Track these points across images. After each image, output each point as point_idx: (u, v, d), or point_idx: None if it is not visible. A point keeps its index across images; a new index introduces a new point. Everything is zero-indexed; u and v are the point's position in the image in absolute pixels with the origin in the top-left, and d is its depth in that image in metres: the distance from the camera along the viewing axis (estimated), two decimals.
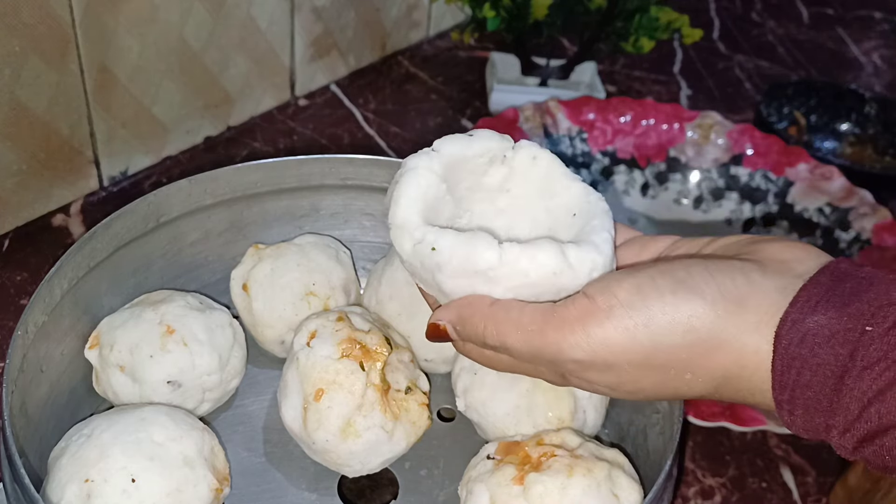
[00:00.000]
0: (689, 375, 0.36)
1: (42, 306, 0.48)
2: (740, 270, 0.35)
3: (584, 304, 0.36)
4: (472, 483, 0.46)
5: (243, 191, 0.58)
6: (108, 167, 0.77)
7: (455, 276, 0.38)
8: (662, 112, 0.83)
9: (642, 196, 0.83)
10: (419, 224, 0.39)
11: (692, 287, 0.35)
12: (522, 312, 0.37)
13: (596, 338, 0.35)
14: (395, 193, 0.40)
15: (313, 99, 0.94)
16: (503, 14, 0.85)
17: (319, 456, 0.50)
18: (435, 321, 0.40)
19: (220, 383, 0.53)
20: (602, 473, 0.44)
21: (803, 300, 0.34)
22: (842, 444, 0.34)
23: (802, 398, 0.34)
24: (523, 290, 0.38)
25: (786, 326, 0.34)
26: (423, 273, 0.39)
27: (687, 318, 0.35)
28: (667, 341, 0.35)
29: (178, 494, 0.44)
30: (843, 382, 0.33)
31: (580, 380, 0.38)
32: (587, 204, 0.41)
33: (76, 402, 0.52)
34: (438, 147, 0.41)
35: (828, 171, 0.79)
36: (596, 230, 0.40)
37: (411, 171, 0.40)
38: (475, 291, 0.38)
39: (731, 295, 0.35)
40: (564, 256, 0.37)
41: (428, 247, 0.38)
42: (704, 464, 0.61)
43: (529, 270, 0.37)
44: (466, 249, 0.37)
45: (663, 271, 0.36)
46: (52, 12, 0.66)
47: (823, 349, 0.33)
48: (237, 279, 0.57)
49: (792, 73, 1.10)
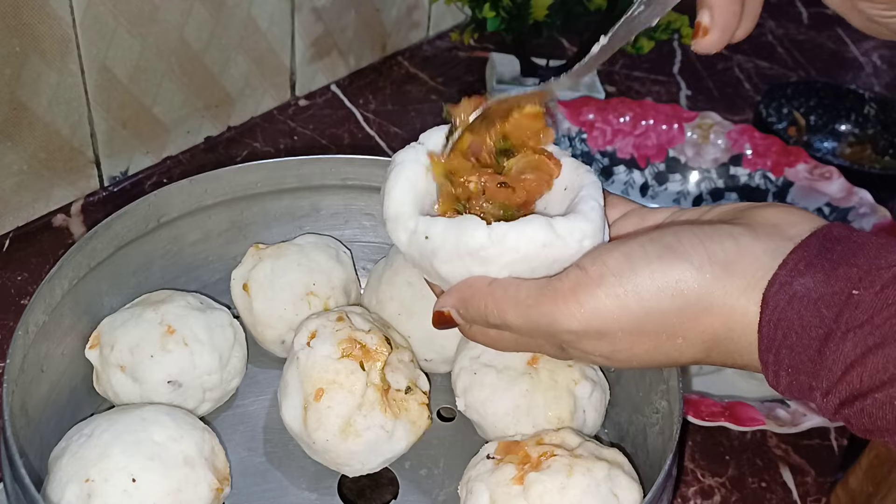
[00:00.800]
0: (681, 340, 0.36)
1: (43, 306, 0.48)
2: (730, 234, 0.36)
3: (576, 275, 0.37)
4: (472, 482, 0.46)
5: (244, 191, 0.58)
6: (109, 167, 0.78)
7: (450, 260, 0.39)
8: (662, 112, 0.83)
9: (642, 196, 0.83)
10: (412, 214, 0.40)
11: (680, 252, 0.35)
12: (519, 288, 0.38)
13: (587, 306, 0.36)
14: (386, 188, 0.41)
15: (314, 99, 0.94)
16: (503, 14, 0.85)
17: (320, 455, 0.50)
18: (439, 308, 0.41)
19: (220, 383, 0.53)
20: (602, 473, 0.44)
21: (792, 263, 0.34)
22: (824, 406, 0.34)
23: (787, 359, 0.34)
24: (517, 266, 0.38)
25: (773, 288, 0.34)
26: (422, 262, 0.40)
27: (675, 283, 0.35)
28: (656, 306, 0.35)
29: (179, 494, 0.44)
30: (827, 344, 0.33)
31: (577, 350, 0.38)
32: (577, 177, 0.42)
33: (77, 402, 0.52)
34: (424, 140, 0.42)
35: (827, 172, 0.79)
36: (584, 200, 0.40)
37: (399, 165, 0.41)
38: (472, 273, 0.39)
39: (720, 259, 0.35)
40: (552, 228, 0.38)
41: (422, 235, 0.39)
42: (704, 463, 0.61)
43: (519, 245, 0.38)
44: (457, 233, 0.38)
45: (653, 239, 0.37)
46: (53, 12, 0.66)
47: (809, 311, 0.33)
48: (238, 279, 0.58)
49: (791, 74, 1.11)
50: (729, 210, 0.39)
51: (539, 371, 0.51)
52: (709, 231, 0.36)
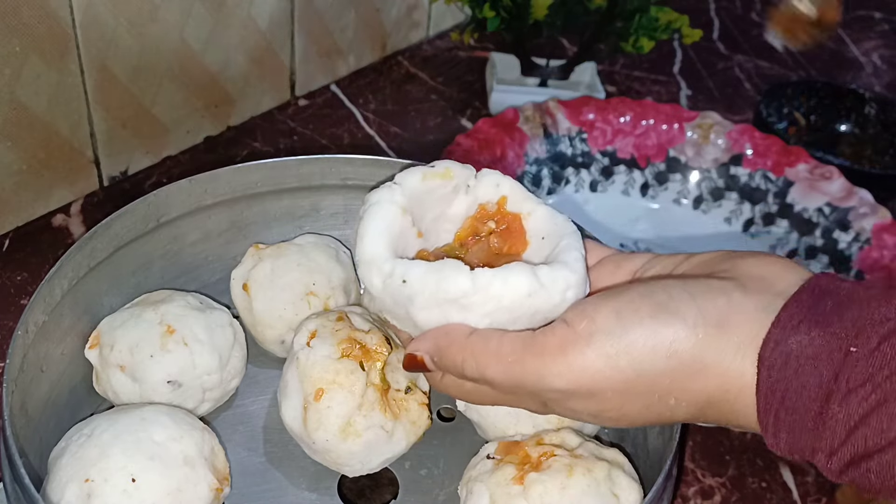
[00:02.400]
0: (673, 401, 0.35)
1: (42, 306, 0.48)
2: (720, 290, 0.35)
3: (563, 332, 0.36)
4: (472, 483, 0.46)
5: (243, 191, 0.58)
6: (109, 167, 0.78)
7: (427, 306, 0.37)
8: (662, 112, 0.83)
9: (642, 196, 0.83)
10: (387, 258, 0.38)
11: (673, 310, 0.34)
12: (502, 342, 0.37)
13: (577, 366, 0.35)
14: (359, 230, 0.39)
15: (313, 99, 0.94)
16: (503, 14, 0.85)
17: (319, 456, 0.50)
18: (412, 352, 0.39)
19: (220, 383, 0.53)
20: (602, 473, 0.44)
21: (785, 320, 0.33)
22: (828, 468, 0.33)
23: (787, 421, 0.33)
24: (498, 315, 0.37)
25: (768, 348, 0.33)
26: (396, 308, 0.39)
27: (669, 343, 0.34)
28: (649, 367, 0.34)
29: (179, 494, 0.44)
30: (829, 406, 0.32)
31: (563, 408, 0.37)
32: (554, 226, 0.41)
33: (76, 402, 0.52)
34: (400, 180, 0.41)
35: (827, 171, 0.79)
36: (566, 249, 0.39)
37: (374, 206, 0.40)
38: (449, 321, 0.38)
39: (713, 317, 0.34)
40: (537, 277, 0.37)
41: (398, 279, 0.37)
42: (704, 463, 0.61)
43: (503, 295, 0.36)
44: (437, 277, 0.37)
45: (643, 294, 0.35)
46: (53, 12, 0.66)
47: (807, 371, 0.33)
48: (237, 279, 0.58)
49: (792, 74, 1.11)
50: (709, 260, 0.38)
51: None
52: (700, 287, 0.35)
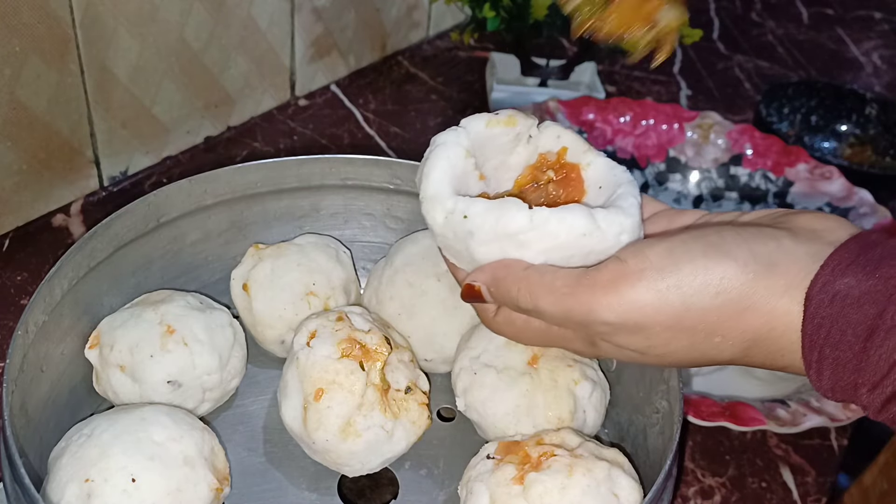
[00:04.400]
0: (719, 338, 0.36)
1: (42, 306, 0.48)
2: (772, 237, 0.36)
3: (616, 267, 0.37)
4: (472, 483, 0.46)
5: (243, 191, 0.58)
6: (109, 167, 0.78)
7: (487, 241, 0.38)
8: (662, 112, 0.83)
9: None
10: (450, 194, 0.40)
11: (724, 250, 0.35)
12: (556, 276, 0.38)
13: (627, 299, 0.36)
14: (425, 168, 0.41)
15: (313, 99, 0.94)
16: (503, 14, 0.85)
17: (319, 456, 0.50)
18: (470, 282, 0.40)
19: (220, 383, 0.53)
20: (602, 473, 0.44)
21: (834, 264, 0.34)
22: (869, 403, 0.34)
23: (831, 357, 0.34)
24: (554, 252, 0.38)
25: (816, 288, 0.34)
26: (456, 243, 0.40)
27: (718, 280, 0.35)
28: (698, 303, 0.35)
29: (179, 494, 0.44)
30: (872, 341, 0.33)
31: (609, 344, 0.38)
32: (612, 176, 0.42)
33: (76, 402, 0.52)
34: (466, 124, 0.42)
35: (827, 172, 0.79)
36: (623, 196, 0.40)
37: (440, 146, 0.41)
38: (507, 256, 0.39)
39: (763, 258, 0.35)
40: (593, 218, 0.38)
41: (460, 215, 0.39)
42: (704, 463, 0.61)
43: (559, 232, 0.38)
44: (497, 213, 0.38)
45: (696, 236, 0.36)
46: (53, 12, 0.66)
47: (852, 309, 0.33)
48: (237, 279, 0.58)
49: (792, 74, 1.11)
50: (765, 215, 0.39)
51: (539, 371, 0.51)
52: (752, 231, 0.36)
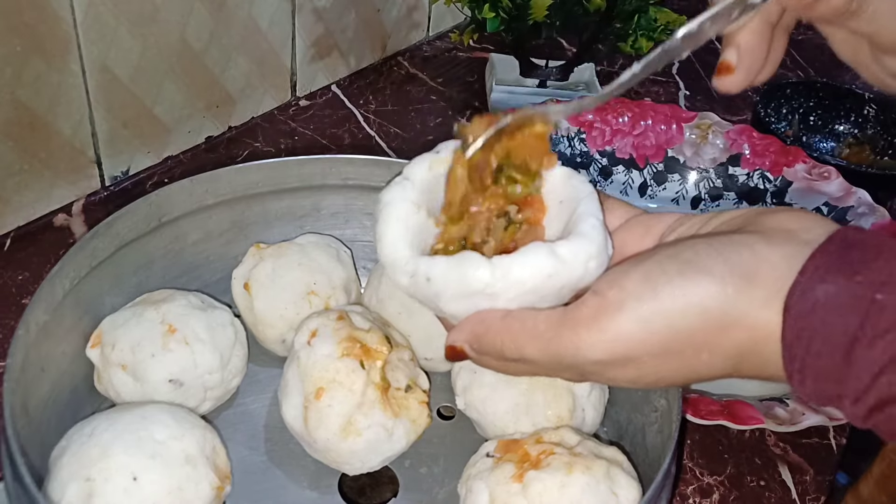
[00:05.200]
0: (707, 356, 0.36)
1: (44, 305, 0.48)
2: (745, 244, 0.35)
3: (595, 302, 0.36)
4: (472, 481, 0.46)
5: (244, 191, 0.59)
6: (110, 167, 0.78)
7: (455, 300, 0.38)
8: (661, 112, 0.84)
9: (640, 196, 0.83)
10: (409, 258, 0.38)
11: (700, 267, 0.35)
12: (537, 321, 0.37)
13: (611, 334, 0.35)
14: (377, 232, 0.40)
15: (314, 99, 0.94)
16: (503, 15, 0.85)
17: (320, 454, 0.50)
18: (451, 343, 0.39)
19: (221, 382, 0.53)
20: (601, 471, 0.45)
21: (812, 269, 0.34)
22: (853, 413, 0.34)
23: (813, 367, 0.33)
24: (525, 297, 0.37)
25: (795, 296, 0.34)
26: (426, 302, 0.39)
27: (699, 300, 0.34)
28: (682, 325, 0.35)
29: (180, 493, 0.44)
30: (854, 351, 0.32)
31: (603, 379, 0.38)
32: (571, 189, 0.41)
33: (78, 401, 0.52)
34: (408, 174, 0.41)
35: (826, 171, 0.79)
36: (582, 218, 0.39)
37: (388, 206, 0.40)
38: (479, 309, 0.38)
39: (739, 270, 0.34)
40: (556, 255, 0.37)
41: (422, 278, 0.38)
42: (703, 462, 0.61)
43: (525, 278, 0.37)
44: (458, 273, 0.37)
45: (669, 255, 0.36)
46: (54, 13, 0.66)
47: (833, 318, 0.33)
48: (238, 278, 0.58)
49: (790, 74, 1.11)
50: (737, 217, 0.38)
51: None
52: (724, 242, 0.36)
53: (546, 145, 0.41)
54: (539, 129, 0.41)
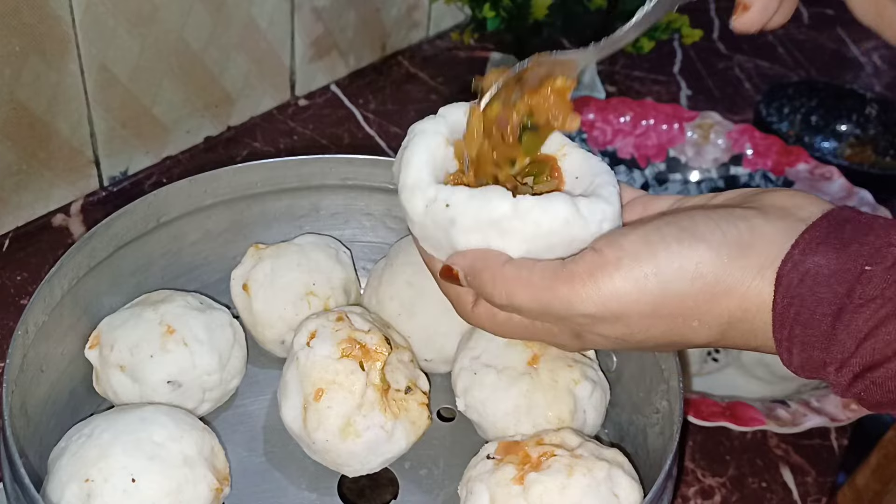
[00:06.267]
0: (696, 322, 0.36)
1: (42, 306, 0.48)
2: (742, 217, 0.36)
3: (592, 258, 0.37)
4: (472, 483, 0.46)
5: (243, 191, 0.58)
6: (109, 167, 0.78)
7: (469, 230, 0.38)
8: (662, 112, 0.83)
9: None
10: (431, 182, 0.39)
11: (697, 234, 0.36)
12: (533, 270, 0.38)
13: (605, 289, 0.36)
14: (404, 156, 0.40)
15: (313, 99, 0.94)
16: (503, 14, 0.85)
17: (319, 456, 0.50)
18: (450, 263, 0.40)
19: (220, 383, 0.53)
20: (602, 473, 0.44)
21: (804, 242, 0.35)
22: (837, 381, 0.34)
23: (801, 335, 0.34)
24: (537, 241, 0.38)
25: (787, 267, 0.34)
26: (437, 232, 0.39)
27: (694, 265, 0.35)
28: (675, 288, 0.35)
29: (178, 494, 0.44)
30: (840, 319, 0.33)
31: (591, 334, 0.38)
32: (588, 167, 0.42)
33: (76, 402, 0.52)
34: (445, 113, 0.42)
35: (828, 172, 0.79)
36: (602, 185, 0.40)
37: (419, 135, 0.41)
38: (489, 246, 0.38)
39: (735, 240, 0.35)
40: (576, 206, 0.38)
41: (442, 203, 0.38)
42: (704, 463, 0.61)
43: (542, 220, 0.37)
44: (480, 202, 0.38)
45: (668, 222, 0.37)
46: (52, 12, 0.66)
47: (822, 287, 0.34)
48: (237, 279, 0.58)
49: (792, 74, 1.11)
50: (736, 196, 0.40)
51: (539, 371, 0.51)
52: (722, 213, 0.37)
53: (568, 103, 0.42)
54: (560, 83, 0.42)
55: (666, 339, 0.38)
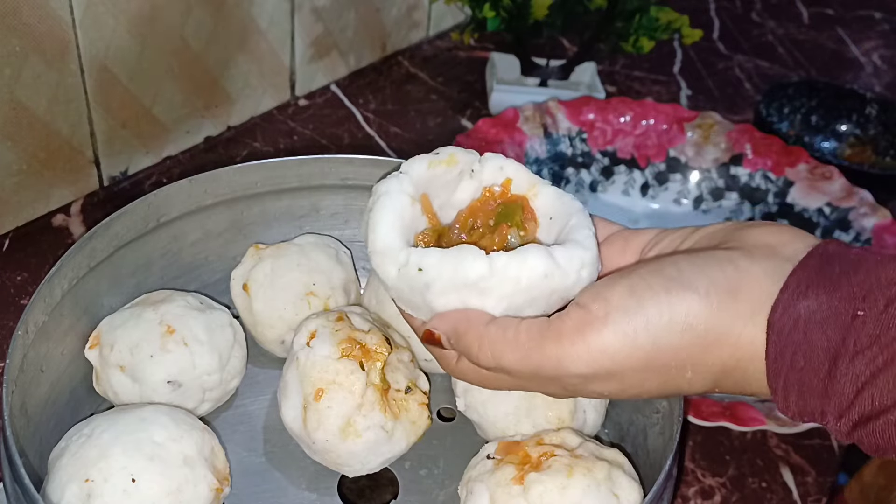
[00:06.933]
0: (690, 373, 0.36)
1: (42, 306, 0.48)
2: (728, 260, 0.35)
3: (579, 315, 0.36)
4: (472, 483, 0.46)
5: (243, 191, 0.58)
6: (109, 167, 0.78)
7: (445, 292, 0.37)
8: (662, 112, 0.83)
9: (642, 196, 0.83)
10: (401, 247, 0.38)
11: (684, 283, 0.35)
12: (519, 330, 0.37)
13: (595, 347, 0.35)
14: (371, 220, 0.39)
15: (313, 99, 0.94)
16: (503, 14, 0.85)
17: (319, 456, 0.50)
18: (431, 328, 0.39)
19: (220, 383, 0.53)
20: (602, 473, 0.44)
21: (793, 285, 0.34)
22: (837, 429, 0.34)
23: (796, 384, 0.34)
24: (516, 297, 0.37)
25: (777, 313, 0.34)
26: (412, 296, 0.38)
27: (684, 317, 0.35)
28: (666, 341, 0.35)
29: (179, 494, 0.44)
30: (837, 367, 0.32)
31: (585, 392, 0.38)
32: (561, 205, 0.41)
33: (76, 402, 0.52)
34: (407, 169, 0.41)
35: (828, 172, 0.79)
36: (576, 228, 0.40)
37: (385, 196, 0.40)
38: (468, 306, 0.38)
39: (723, 286, 0.35)
40: (552, 258, 0.37)
41: (414, 268, 0.37)
42: (704, 464, 0.61)
43: (520, 276, 0.37)
44: (454, 263, 0.37)
45: (652, 271, 0.36)
46: (53, 12, 0.66)
47: (815, 334, 0.33)
48: (237, 279, 0.57)
49: (792, 73, 1.11)
50: (716, 232, 0.39)
51: None
52: (706, 258, 0.36)
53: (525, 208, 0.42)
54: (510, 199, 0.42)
55: (661, 390, 0.37)
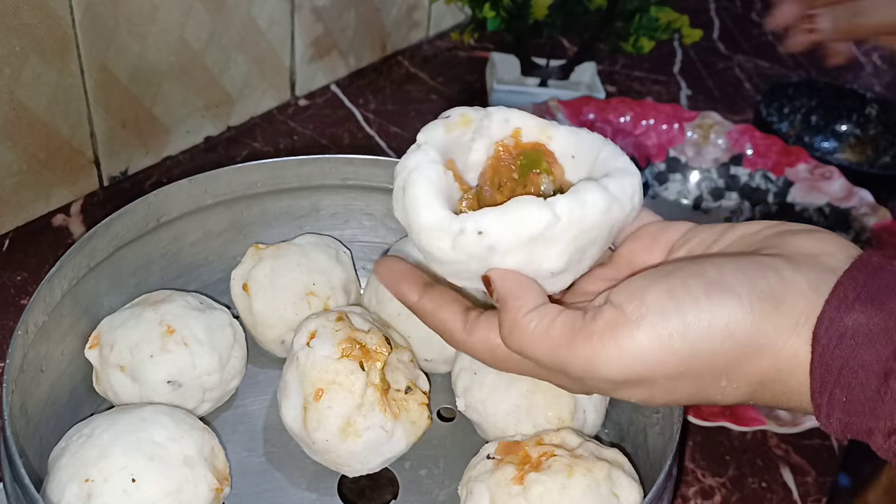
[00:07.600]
0: (725, 382, 0.34)
1: (42, 306, 0.48)
2: (771, 267, 0.34)
3: (612, 315, 0.34)
4: (472, 483, 0.46)
5: (243, 191, 0.58)
6: (109, 167, 0.78)
7: (510, 251, 0.35)
8: (662, 112, 0.83)
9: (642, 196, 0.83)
10: (449, 216, 0.36)
11: (727, 288, 0.33)
12: (553, 324, 0.35)
13: (628, 351, 0.33)
14: (408, 199, 0.37)
15: (313, 99, 0.94)
16: (503, 14, 0.85)
17: (319, 456, 0.50)
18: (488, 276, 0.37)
19: (220, 383, 0.53)
20: (602, 473, 0.44)
21: (839, 298, 0.33)
22: (885, 447, 0.32)
23: (842, 400, 0.32)
24: (581, 238, 0.36)
25: (823, 326, 0.32)
26: (473, 264, 0.36)
27: (725, 324, 0.33)
28: (705, 348, 0.33)
29: (179, 494, 0.44)
30: (887, 384, 0.31)
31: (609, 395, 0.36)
32: (581, 142, 0.39)
33: (76, 402, 0.52)
34: (425, 138, 0.39)
35: (828, 171, 0.79)
36: (611, 158, 0.38)
37: (415, 171, 0.37)
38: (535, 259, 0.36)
39: (766, 294, 0.33)
40: (607, 190, 0.36)
41: (472, 234, 0.35)
42: (704, 464, 0.61)
43: (584, 216, 0.35)
44: (515, 218, 0.35)
45: (693, 273, 0.34)
46: (53, 12, 0.66)
47: (864, 349, 0.32)
48: (237, 279, 0.58)
49: (792, 73, 1.10)
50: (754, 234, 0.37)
51: None
52: (749, 263, 0.34)
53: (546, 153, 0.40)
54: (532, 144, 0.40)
55: (692, 398, 0.35)
